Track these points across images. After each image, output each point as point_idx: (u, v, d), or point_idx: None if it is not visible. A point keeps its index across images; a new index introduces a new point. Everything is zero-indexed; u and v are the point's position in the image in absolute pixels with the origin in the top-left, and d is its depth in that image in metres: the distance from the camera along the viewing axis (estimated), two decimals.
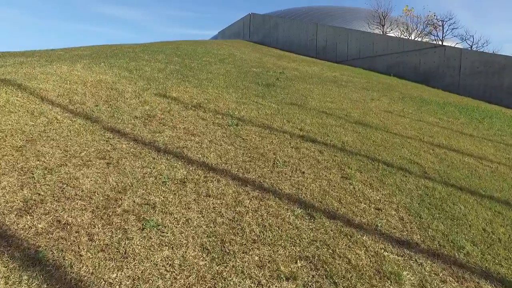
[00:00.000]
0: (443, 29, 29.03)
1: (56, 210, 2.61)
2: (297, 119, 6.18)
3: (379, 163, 4.78)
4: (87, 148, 3.78)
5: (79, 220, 2.55)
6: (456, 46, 24.30)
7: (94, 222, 2.57)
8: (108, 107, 5.26)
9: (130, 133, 4.42)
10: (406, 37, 26.73)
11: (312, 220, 3.09)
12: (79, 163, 3.42)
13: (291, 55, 18.34)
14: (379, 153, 5.21)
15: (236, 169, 3.83)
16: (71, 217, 2.57)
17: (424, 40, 27.40)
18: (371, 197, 3.77)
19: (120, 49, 11.60)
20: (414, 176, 4.58)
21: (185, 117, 5.35)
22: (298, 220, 3.05)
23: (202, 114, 5.64)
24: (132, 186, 3.15)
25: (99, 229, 2.50)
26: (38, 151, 3.51)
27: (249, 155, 4.29)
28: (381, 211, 3.51)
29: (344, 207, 3.45)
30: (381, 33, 27.29)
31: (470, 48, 28.92)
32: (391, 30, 29.10)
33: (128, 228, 2.56)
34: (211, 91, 7.22)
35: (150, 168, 3.55)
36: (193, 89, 7.15)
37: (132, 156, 3.76)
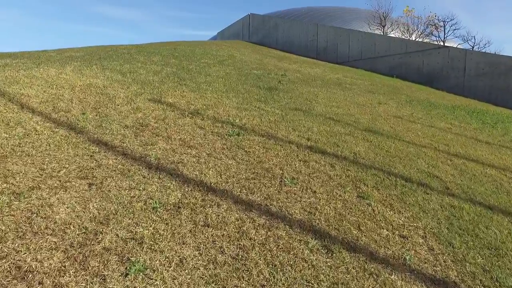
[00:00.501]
0: (444, 30, 28.65)
1: (18, 252, 2.12)
2: (303, 126, 5.69)
3: (397, 178, 4.30)
4: (67, 166, 3.28)
5: (45, 265, 2.05)
6: (458, 47, 23.90)
7: (65, 266, 2.07)
8: (96, 115, 4.76)
9: (119, 145, 3.93)
10: (407, 38, 26.32)
11: (330, 255, 2.61)
12: (55, 185, 2.92)
13: (291, 56, 17.88)
14: (395, 166, 4.74)
15: (239, 189, 3.34)
16: (36, 260, 2.08)
17: (425, 41, 26.99)
18: (393, 221, 3.28)
19: (115, 50, 11.10)
20: (436, 192, 4.10)
21: (181, 126, 4.86)
22: (313, 255, 2.56)
23: (200, 122, 5.15)
24: (116, 214, 2.65)
25: (70, 277, 2.01)
26: (8, 170, 3.01)
27: (253, 171, 3.80)
28: (407, 239, 3.03)
29: (364, 235, 2.96)
30: (382, 34, 26.88)
31: (471, 49, 28.53)
32: (392, 31, 28.70)
33: (108, 274, 2.07)
34: (210, 95, 6.73)
35: (140, 190, 3.06)
36: (190, 93, 6.66)
37: (119, 175, 3.26)
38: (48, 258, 2.10)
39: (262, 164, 4.01)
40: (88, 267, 2.09)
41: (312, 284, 2.28)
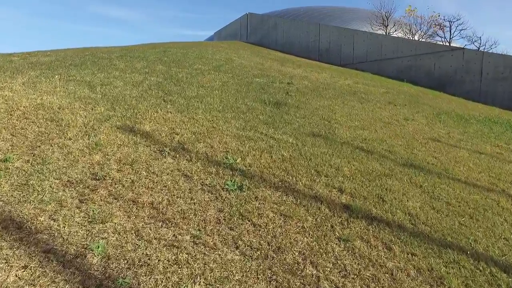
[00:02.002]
0: (450, 30, 27.20)
1: None
2: (330, 166, 4.14)
3: (489, 267, 2.76)
4: None
5: None
6: (464, 47, 22.52)
7: None
8: (28, 161, 3.16)
9: (44, 229, 2.34)
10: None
11: None
12: None
13: (293, 58, 16.33)
14: (472, 235, 3.20)
15: None
16: None
17: (428, 41, 25.57)
18: None
19: (94, 54, 9.47)
20: None
21: (157, 175, 3.28)
22: None
23: (186, 165, 3.58)
24: None
25: None
26: None
27: (269, 274, 2.24)
28: None
29: None
30: (385, 34, 25.43)
31: (477, 50, 27.17)
32: (395, 31, 27.22)
33: None
34: (202, 117, 5.15)
35: None
36: (176, 115, 5.08)
37: None
38: None
39: (282, 254, 2.45)
40: None
41: None
